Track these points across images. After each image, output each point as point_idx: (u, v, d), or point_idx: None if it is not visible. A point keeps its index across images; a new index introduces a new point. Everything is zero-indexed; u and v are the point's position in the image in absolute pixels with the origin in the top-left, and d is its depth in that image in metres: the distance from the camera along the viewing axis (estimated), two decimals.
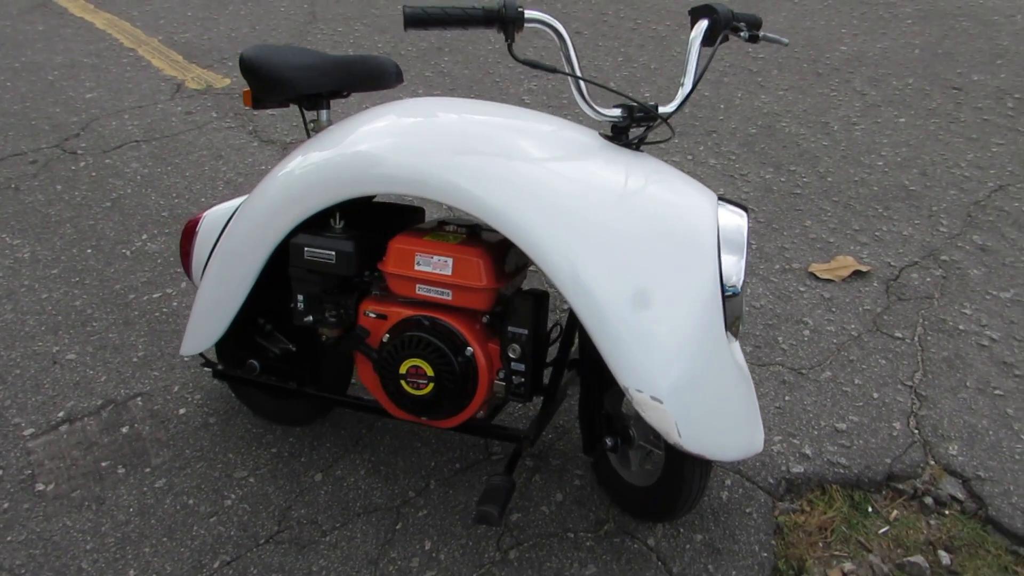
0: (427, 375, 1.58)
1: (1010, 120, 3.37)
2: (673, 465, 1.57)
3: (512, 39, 1.44)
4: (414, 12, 1.41)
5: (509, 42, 1.44)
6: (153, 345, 2.28)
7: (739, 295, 1.48)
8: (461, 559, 1.68)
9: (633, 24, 4.53)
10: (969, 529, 1.78)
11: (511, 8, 1.41)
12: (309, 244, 1.61)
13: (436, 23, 1.42)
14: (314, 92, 1.70)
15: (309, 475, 1.87)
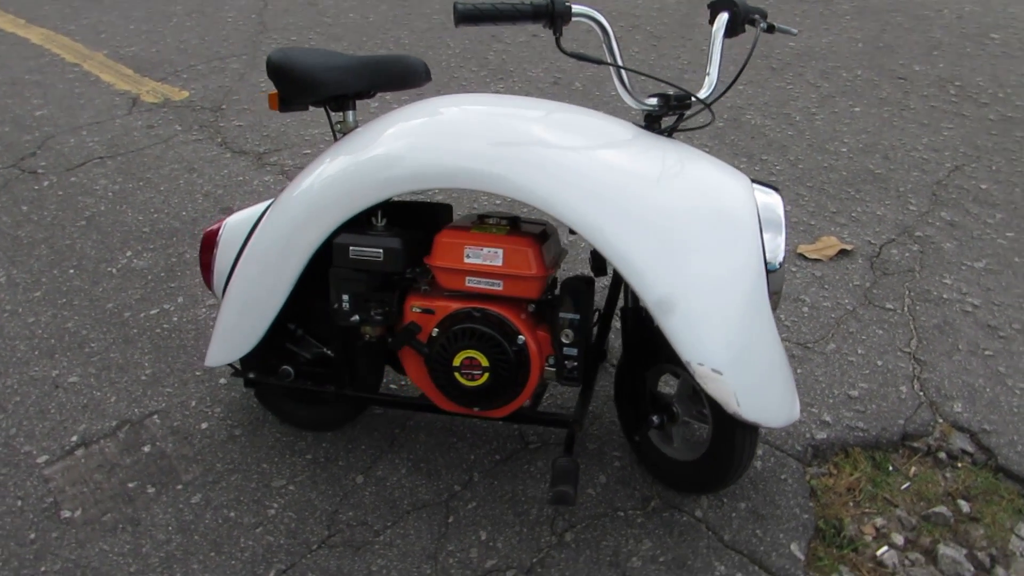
0: (482, 366, 1.60)
1: (955, 106, 3.58)
2: (723, 435, 1.63)
3: (560, 33, 1.48)
4: (466, 8, 1.43)
5: (557, 36, 1.48)
6: (160, 362, 2.23)
7: (779, 271, 1.55)
8: (519, 545, 1.70)
9: (587, 27, 4.62)
10: (982, 478, 1.89)
11: (560, 3, 1.45)
12: (354, 243, 1.62)
13: (487, 19, 1.45)
14: (344, 93, 1.70)
15: (350, 478, 1.86)
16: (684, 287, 1.43)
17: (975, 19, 4.59)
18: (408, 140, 1.54)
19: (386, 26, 4.76)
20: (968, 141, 3.28)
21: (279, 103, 1.75)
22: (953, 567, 1.71)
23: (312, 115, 3.65)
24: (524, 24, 1.49)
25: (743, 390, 1.46)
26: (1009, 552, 1.75)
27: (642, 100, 1.59)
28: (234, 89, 3.97)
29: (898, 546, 1.76)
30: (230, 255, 1.84)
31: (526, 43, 4.42)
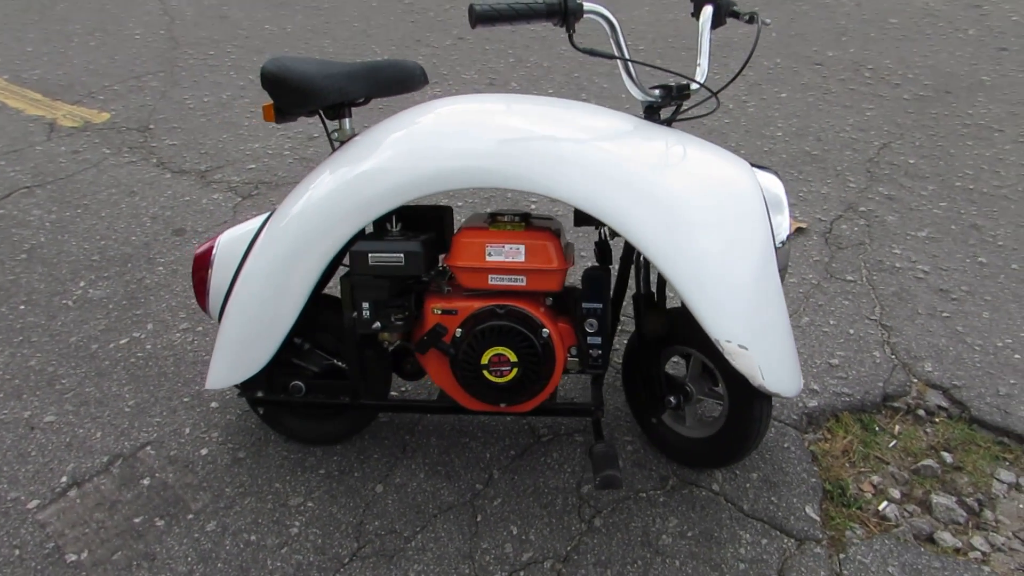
0: (510, 362, 1.62)
1: (871, 87, 3.81)
2: (741, 409, 1.70)
3: (573, 30, 1.52)
4: (484, 10, 1.45)
5: (570, 32, 1.52)
6: (142, 392, 2.14)
7: (784, 247, 1.63)
8: (551, 536, 1.73)
9: (512, 27, 4.68)
10: (959, 430, 2.04)
11: (572, 1, 1.49)
12: (373, 250, 1.61)
13: (504, 19, 1.47)
14: (343, 100, 1.68)
15: (369, 488, 1.84)
16: (708, 267, 1.49)
17: (873, 5, 4.89)
18: (429, 142, 1.54)
19: (306, 36, 4.69)
20: (889, 120, 3.50)
21: (275, 114, 1.72)
22: (948, 514, 1.83)
23: (250, 130, 3.57)
24: (538, 22, 1.51)
25: (766, 363, 1.54)
26: (993, 495, 1.88)
27: (648, 92, 1.64)
28: (158, 108, 3.84)
29: (895, 499, 1.87)
30: (226, 274, 1.80)
31: (453, 46, 4.44)
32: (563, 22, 1.51)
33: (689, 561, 1.67)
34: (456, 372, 1.65)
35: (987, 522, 1.82)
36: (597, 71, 4.06)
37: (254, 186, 3.11)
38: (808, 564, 1.67)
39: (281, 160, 3.30)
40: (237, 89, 4.02)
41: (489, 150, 1.51)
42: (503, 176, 1.50)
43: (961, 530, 1.81)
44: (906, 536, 1.76)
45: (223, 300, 1.80)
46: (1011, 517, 1.83)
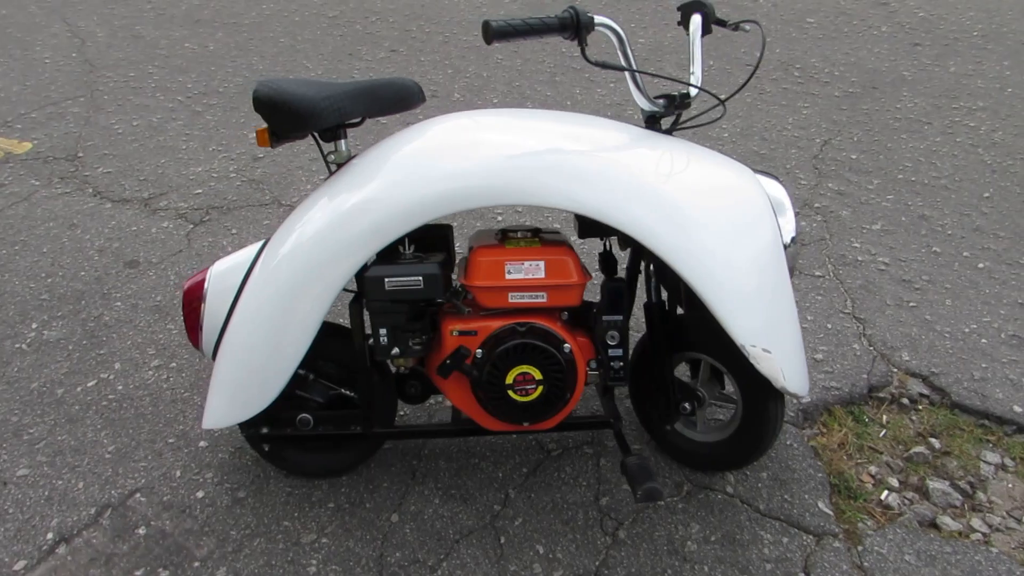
0: (535, 379, 1.60)
1: (802, 86, 3.95)
2: (756, 411, 1.72)
3: (585, 43, 1.51)
4: (500, 26, 1.43)
5: (583, 46, 1.51)
6: (121, 436, 2.02)
7: (792, 248, 1.67)
8: (578, 552, 1.71)
9: (443, 38, 4.64)
10: (942, 416, 2.12)
11: (584, 15, 1.49)
12: (389, 274, 1.56)
13: (519, 34, 1.46)
14: (343, 121, 1.63)
15: (384, 518, 1.79)
16: (730, 275, 1.51)
17: (788, 5, 5.08)
18: (447, 160, 1.51)
19: (232, 54, 4.54)
20: (826, 117, 3.64)
21: (269, 138, 1.65)
22: (944, 498, 1.91)
23: (189, 153, 3.42)
24: (551, 37, 1.51)
25: (786, 365, 1.57)
26: (983, 477, 1.97)
27: (654, 102, 1.65)
28: (84, 135, 3.64)
29: (895, 488, 1.94)
30: (221, 308, 1.71)
31: (387, 59, 4.37)
32: (575, 36, 1.52)
33: (717, 566, 1.68)
34: (479, 393, 1.61)
35: (982, 504, 1.90)
36: (539, 79, 4.08)
37: (204, 212, 2.98)
38: (830, 559, 1.71)
39: (228, 183, 3.18)
40: (167, 112, 3.86)
41: (508, 167, 1.49)
42: (526, 193, 1.48)
43: (959, 513, 1.88)
44: (911, 523, 1.82)
45: (218, 335, 1.72)
46: (1002, 497, 1.92)
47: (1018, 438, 2.06)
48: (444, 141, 1.56)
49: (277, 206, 3.01)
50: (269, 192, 3.11)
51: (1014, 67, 4.20)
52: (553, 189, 1.48)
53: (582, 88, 3.94)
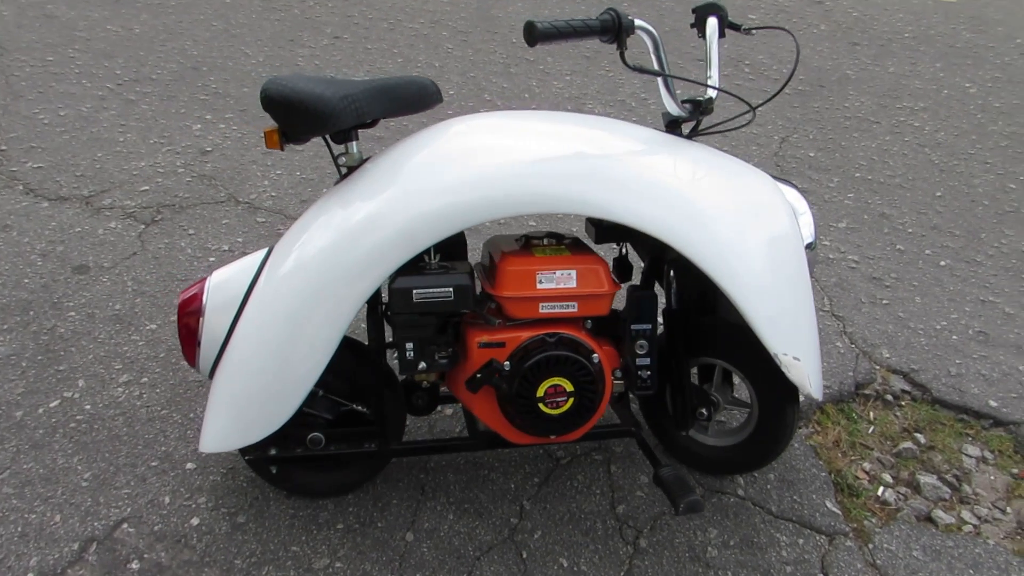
0: (566, 391, 1.55)
1: (754, 83, 4.01)
2: (772, 414, 1.73)
3: (625, 47, 1.47)
4: (545, 28, 1.38)
5: (622, 49, 1.47)
6: (97, 461, 1.87)
7: (811, 253, 1.68)
8: (602, 564, 1.68)
9: (388, 24, 4.50)
10: (924, 412, 2.19)
11: (625, 19, 1.46)
12: (418, 286, 1.48)
13: (562, 36, 1.41)
14: (361, 122, 1.54)
15: (398, 538, 1.71)
16: (765, 283, 1.50)
17: (728, 2, 5.15)
18: (478, 167, 1.44)
19: (160, 37, 4.28)
20: (780, 114, 3.71)
21: (280, 139, 1.54)
22: (935, 492, 1.97)
23: (128, 146, 3.21)
24: (592, 39, 1.47)
25: (813, 372, 1.57)
26: (966, 469, 2.04)
27: (681, 107, 1.62)
28: (5, 125, 3.36)
29: (889, 484, 1.99)
30: (222, 322, 1.59)
31: (332, 45, 4.21)
32: (615, 39, 1.48)
33: (740, 571, 1.68)
34: (508, 407, 1.56)
35: (968, 496, 1.97)
36: (493, 70, 4.00)
37: (155, 211, 2.80)
38: (844, 558, 1.73)
39: (177, 179, 2.99)
40: (96, 100, 3.60)
41: (547, 173, 1.44)
42: (565, 200, 1.43)
43: (949, 506, 1.94)
44: (910, 519, 1.87)
45: (219, 352, 1.60)
46: (986, 489, 1.99)
47: (995, 431, 2.14)
48: (473, 145, 1.49)
49: (234, 203, 2.85)
50: (223, 188, 2.94)
51: (946, 69, 4.38)
52: (594, 197, 1.44)
53: (538, 80, 3.90)
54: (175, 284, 2.44)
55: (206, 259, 2.55)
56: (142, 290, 2.41)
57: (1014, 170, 3.45)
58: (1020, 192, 3.28)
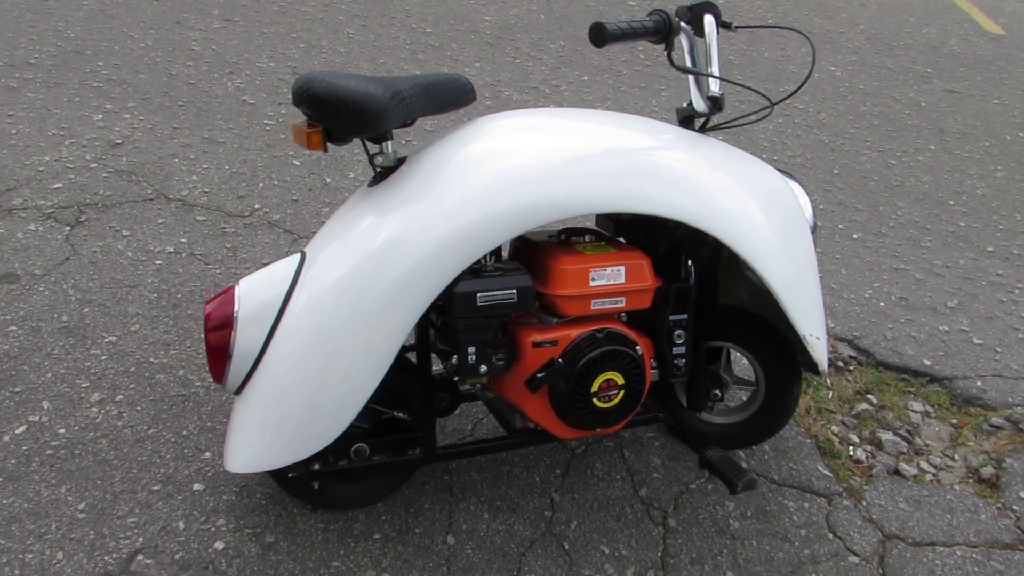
0: (618, 384, 1.59)
1: (651, 68, 4.16)
2: (779, 390, 1.85)
3: (672, 47, 1.51)
4: (614, 30, 1.40)
5: (670, 51, 1.52)
6: (90, 490, 1.71)
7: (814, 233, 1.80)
8: (639, 546, 1.75)
9: (278, 7, 4.28)
10: (871, 374, 2.41)
11: (675, 22, 1.51)
12: (481, 289, 1.46)
13: (626, 37, 1.44)
14: (407, 120, 1.49)
15: (439, 542, 1.70)
16: (796, 271, 1.61)
17: None
18: (542, 167, 1.44)
19: (27, 17, 3.86)
20: (683, 99, 3.86)
21: (323, 140, 1.47)
22: (895, 447, 2.18)
23: (23, 139, 2.89)
24: (645, 40, 1.50)
25: (826, 348, 1.70)
26: (914, 424, 2.27)
27: (707, 103, 1.68)
28: None
29: (857, 443, 2.18)
30: (257, 334, 1.50)
31: (224, 28, 3.96)
32: (664, 39, 1.52)
33: (763, 539, 1.80)
34: (562, 403, 1.57)
35: (921, 448, 2.20)
36: (400, 56, 3.92)
37: (77, 210, 2.55)
38: (846, 517, 1.89)
39: (92, 175, 2.74)
40: None
41: (608, 170, 1.46)
42: (627, 198, 1.47)
43: (909, 458, 2.16)
44: (882, 474, 2.07)
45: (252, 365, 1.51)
46: (934, 439, 2.23)
47: (932, 387, 2.39)
48: (523, 145, 1.48)
49: (165, 201, 2.65)
50: (148, 185, 2.72)
51: (810, 53, 4.74)
52: (651, 195, 1.48)
53: (449, 67, 3.86)
54: (123, 291, 2.25)
55: (152, 262, 2.36)
56: (88, 299, 2.20)
57: (890, 147, 3.81)
58: (900, 168, 3.63)
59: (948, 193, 3.47)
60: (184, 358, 2.06)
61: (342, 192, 2.82)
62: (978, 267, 2.97)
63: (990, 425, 2.28)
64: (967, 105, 4.41)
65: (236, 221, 2.60)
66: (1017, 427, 2.27)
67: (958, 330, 2.61)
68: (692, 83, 1.65)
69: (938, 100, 4.42)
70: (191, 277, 2.33)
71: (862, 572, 1.76)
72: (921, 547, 1.84)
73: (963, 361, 2.47)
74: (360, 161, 3.02)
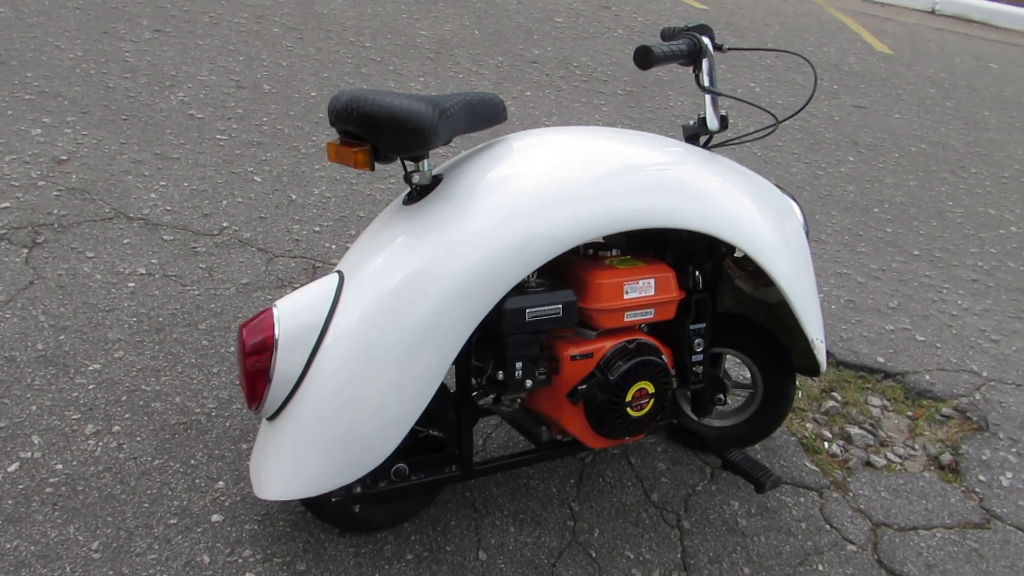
0: (648, 393, 1.65)
1: (588, 84, 4.27)
2: (776, 392, 1.96)
3: (701, 69, 1.59)
4: (660, 51, 1.46)
5: (698, 72, 1.59)
6: (101, 527, 1.63)
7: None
8: (660, 549, 1.81)
9: (209, 18, 4.15)
10: (832, 373, 2.57)
11: (705, 46, 1.60)
12: (530, 305, 1.49)
13: (667, 60, 1.50)
14: (451, 139, 1.51)
15: (471, 559, 1.70)
16: (807, 280, 1.72)
17: (532, 4, 5.39)
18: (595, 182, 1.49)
19: None
20: (624, 115, 4.00)
21: (371, 159, 1.46)
22: (863, 440, 2.33)
23: None
24: (678, 62, 1.57)
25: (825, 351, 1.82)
26: (876, 417, 2.44)
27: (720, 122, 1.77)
28: None
29: (829, 438, 2.32)
30: (297, 359, 1.47)
31: (156, 39, 3.81)
32: (692, 62, 1.59)
33: (770, 534, 1.89)
34: (598, 413, 1.62)
35: (885, 439, 2.36)
36: (344, 70, 3.87)
37: (33, 231, 2.41)
38: (837, 509, 2.01)
39: (41, 193, 2.59)
40: None
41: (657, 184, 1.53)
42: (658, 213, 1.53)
43: (876, 450, 2.32)
44: (858, 467, 2.21)
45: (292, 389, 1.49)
46: (895, 431, 2.40)
47: (887, 383, 2.57)
48: (560, 163, 1.52)
49: (126, 220, 2.53)
50: (104, 203, 2.59)
51: (731, 70, 4.98)
52: (686, 210, 1.54)
53: (395, 81, 3.85)
54: (99, 316, 2.14)
55: (124, 285, 2.26)
56: (62, 325, 2.09)
57: (815, 159, 4.05)
58: (826, 178, 3.87)
59: (872, 201, 3.72)
60: (178, 384, 1.98)
61: (310, 208, 2.78)
62: (908, 270, 3.21)
63: (941, 415, 2.47)
64: (873, 119, 4.74)
65: (206, 240, 2.51)
66: (965, 416, 2.47)
67: (902, 328, 2.81)
68: (708, 103, 1.73)
69: (848, 115, 4.72)
70: (169, 299, 2.24)
71: (861, 559, 1.87)
72: (906, 532, 1.98)
73: (911, 357, 2.66)
74: (323, 177, 2.97)
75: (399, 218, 1.54)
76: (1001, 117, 5.19)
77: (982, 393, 2.54)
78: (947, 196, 3.94)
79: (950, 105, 5.23)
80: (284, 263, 2.49)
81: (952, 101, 5.31)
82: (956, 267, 3.29)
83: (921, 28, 7.12)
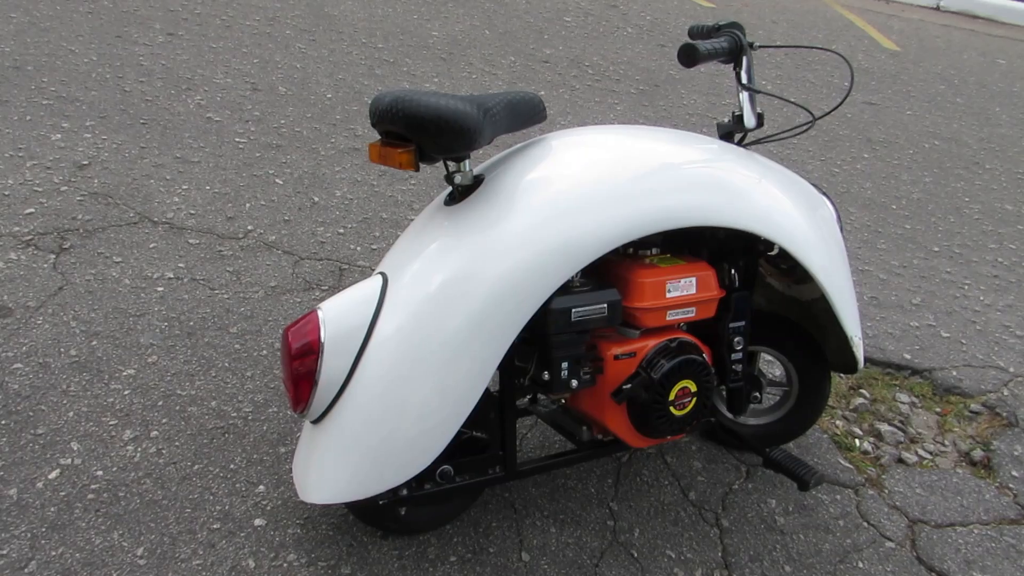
0: (691, 392, 1.64)
1: (601, 83, 4.27)
2: (812, 388, 1.96)
3: (742, 67, 1.59)
4: (706, 49, 1.46)
5: (738, 70, 1.59)
6: (145, 533, 1.63)
7: None
8: (701, 548, 1.80)
9: (221, 21, 4.14)
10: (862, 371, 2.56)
11: (746, 44, 1.60)
12: (576, 305, 1.49)
13: (711, 58, 1.50)
14: (493, 138, 1.50)
15: (515, 560, 1.70)
16: (846, 280, 1.72)
17: (541, 4, 5.39)
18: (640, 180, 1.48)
19: None
20: (637, 113, 4.00)
21: (417, 159, 1.46)
22: (893, 437, 2.33)
23: None
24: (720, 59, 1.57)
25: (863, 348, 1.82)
26: (904, 414, 2.44)
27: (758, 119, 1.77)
28: None
29: (860, 435, 2.32)
30: (343, 362, 1.47)
31: (169, 43, 3.80)
32: (734, 59, 1.59)
33: (809, 532, 1.89)
34: (642, 413, 1.61)
35: (915, 436, 2.36)
36: (359, 71, 3.87)
37: (58, 236, 2.40)
38: (874, 506, 2.01)
39: (65, 199, 2.58)
40: None
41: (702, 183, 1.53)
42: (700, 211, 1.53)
43: (907, 447, 2.31)
44: (891, 463, 2.21)
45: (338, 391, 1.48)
46: (924, 427, 2.39)
47: (914, 379, 2.56)
48: (606, 160, 1.52)
49: (151, 224, 2.53)
50: (128, 207, 2.59)
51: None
52: (729, 207, 1.54)
53: (409, 82, 3.84)
54: (130, 321, 2.13)
55: (153, 289, 2.25)
56: (93, 330, 2.08)
57: (830, 156, 4.05)
58: (843, 175, 3.87)
59: (889, 198, 3.72)
60: (213, 388, 1.98)
61: (333, 211, 2.77)
62: (929, 266, 3.20)
63: (970, 411, 2.46)
64: (885, 116, 4.74)
65: (231, 243, 2.51)
66: (994, 412, 2.47)
67: (926, 325, 2.80)
68: (746, 100, 1.73)
69: (860, 112, 4.72)
70: (199, 303, 2.24)
71: (900, 556, 1.87)
72: (943, 528, 1.97)
73: (937, 354, 2.66)
74: (344, 179, 2.97)
75: (441, 219, 1.54)
76: (1012, 113, 5.19)
77: (1010, 389, 2.54)
78: (963, 192, 3.94)
79: (960, 101, 5.23)
80: (311, 265, 2.48)
81: (962, 97, 5.31)
82: (976, 263, 3.29)
83: (927, 24, 7.13)
